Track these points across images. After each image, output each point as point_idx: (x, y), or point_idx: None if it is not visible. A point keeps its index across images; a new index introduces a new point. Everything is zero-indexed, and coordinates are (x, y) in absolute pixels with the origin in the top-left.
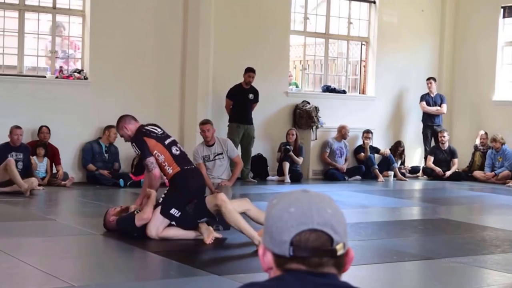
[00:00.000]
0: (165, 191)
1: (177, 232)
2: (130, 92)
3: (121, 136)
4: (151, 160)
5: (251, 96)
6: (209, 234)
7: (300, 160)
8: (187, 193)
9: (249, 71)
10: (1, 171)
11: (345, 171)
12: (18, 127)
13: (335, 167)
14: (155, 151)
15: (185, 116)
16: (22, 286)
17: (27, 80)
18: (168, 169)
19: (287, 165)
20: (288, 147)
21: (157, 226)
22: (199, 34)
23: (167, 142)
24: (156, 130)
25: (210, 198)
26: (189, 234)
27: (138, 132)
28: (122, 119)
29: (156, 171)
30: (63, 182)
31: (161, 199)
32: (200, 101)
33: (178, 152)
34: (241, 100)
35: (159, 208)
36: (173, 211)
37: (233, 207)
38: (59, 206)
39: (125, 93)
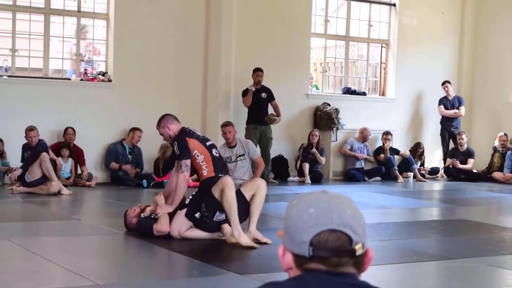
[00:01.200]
0: (193, 193)
1: (200, 233)
2: (153, 94)
3: (161, 134)
4: (187, 162)
5: (263, 95)
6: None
7: (323, 159)
8: (213, 200)
9: (257, 70)
10: (34, 168)
11: (363, 158)
12: (31, 129)
13: (355, 157)
14: (195, 151)
15: (207, 117)
16: (48, 284)
17: (53, 82)
18: (204, 170)
19: (306, 166)
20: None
21: (180, 227)
22: (221, 37)
23: (208, 143)
24: (197, 131)
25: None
26: (211, 235)
27: (181, 132)
28: (164, 117)
29: (187, 174)
30: (87, 183)
31: (188, 200)
32: (222, 103)
33: (217, 155)
34: (255, 101)
35: (184, 210)
36: (197, 214)
37: (233, 195)
38: (84, 206)
39: (148, 95)
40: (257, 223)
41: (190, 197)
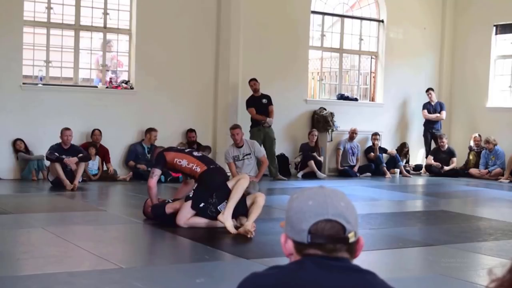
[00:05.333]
0: (194, 187)
1: (202, 220)
2: (169, 99)
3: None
4: (155, 171)
5: (264, 101)
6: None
7: (321, 158)
8: (213, 188)
9: (251, 80)
10: (53, 169)
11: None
12: (67, 129)
13: (348, 165)
14: (175, 159)
15: (217, 120)
16: (77, 267)
17: (82, 90)
18: (196, 168)
19: (313, 163)
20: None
21: (186, 216)
22: (230, 49)
23: (186, 150)
24: (177, 147)
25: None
26: (212, 223)
27: (164, 149)
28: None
29: (151, 181)
30: (122, 177)
31: (191, 193)
32: (230, 107)
33: (199, 154)
34: (258, 107)
35: (189, 202)
36: (202, 205)
37: (245, 185)
38: (109, 199)
39: (165, 101)
40: (254, 221)
41: (193, 191)
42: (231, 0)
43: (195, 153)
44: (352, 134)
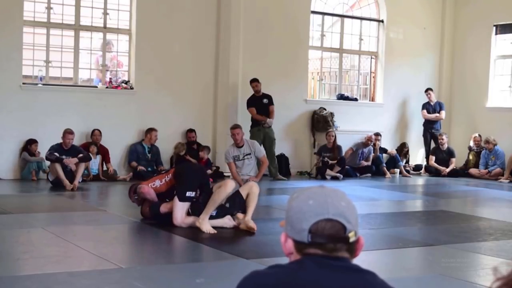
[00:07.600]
0: (175, 185)
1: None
2: (169, 99)
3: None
4: (142, 189)
5: (265, 100)
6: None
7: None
8: (192, 173)
9: (253, 81)
10: (53, 169)
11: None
12: (70, 132)
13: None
14: (149, 184)
15: (217, 120)
16: (77, 267)
17: (82, 90)
18: (168, 176)
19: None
20: (325, 159)
21: (180, 213)
22: (230, 49)
23: (155, 174)
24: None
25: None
26: (212, 222)
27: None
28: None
29: (144, 187)
30: (122, 177)
31: (175, 191)
32: (230, 107)
33: (164, 170)
34: (259, 107)
35: (176, 198)
36: (188, 193)
37: (225, 192)
38: (109, 199)
39: (165, 101)
40: (252, 215)
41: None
42: (231, 0)
43: (163, 172)
44: (367, 141)
